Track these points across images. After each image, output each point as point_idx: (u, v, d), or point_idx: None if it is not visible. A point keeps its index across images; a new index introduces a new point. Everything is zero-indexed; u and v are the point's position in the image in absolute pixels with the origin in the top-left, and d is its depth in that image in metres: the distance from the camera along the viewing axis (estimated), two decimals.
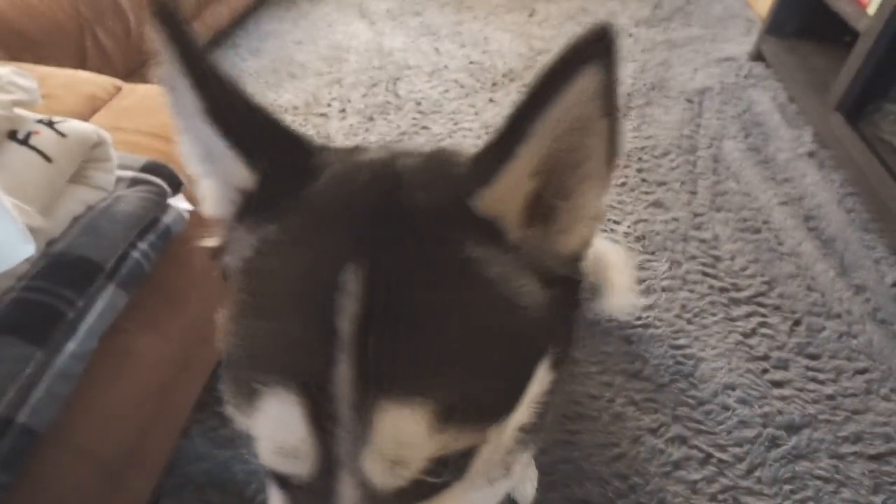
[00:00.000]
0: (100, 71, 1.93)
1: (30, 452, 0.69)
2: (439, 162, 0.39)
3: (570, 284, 0.42)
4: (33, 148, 0.73)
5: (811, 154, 2.00)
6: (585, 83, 0.32)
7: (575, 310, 0.47)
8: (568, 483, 1.15)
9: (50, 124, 0.77)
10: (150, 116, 1.17)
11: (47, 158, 0.73)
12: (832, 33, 2.24)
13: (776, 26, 2.46)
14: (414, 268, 0.32)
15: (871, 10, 1.87)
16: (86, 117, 1.15)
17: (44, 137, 0.75)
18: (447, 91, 2.42)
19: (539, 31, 2.87)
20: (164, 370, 1.01)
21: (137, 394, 0.94)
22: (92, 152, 0.81)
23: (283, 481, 0.36)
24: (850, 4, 1.98)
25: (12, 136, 0.73)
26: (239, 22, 2.93)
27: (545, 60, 1.45)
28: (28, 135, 0.74)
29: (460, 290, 0.33)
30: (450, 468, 0.33)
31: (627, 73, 2.51)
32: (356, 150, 0.39)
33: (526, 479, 1.13)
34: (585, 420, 1.27)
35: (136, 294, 0.89)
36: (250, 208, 0.38)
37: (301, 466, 0.32)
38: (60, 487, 0.78)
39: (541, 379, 0.42)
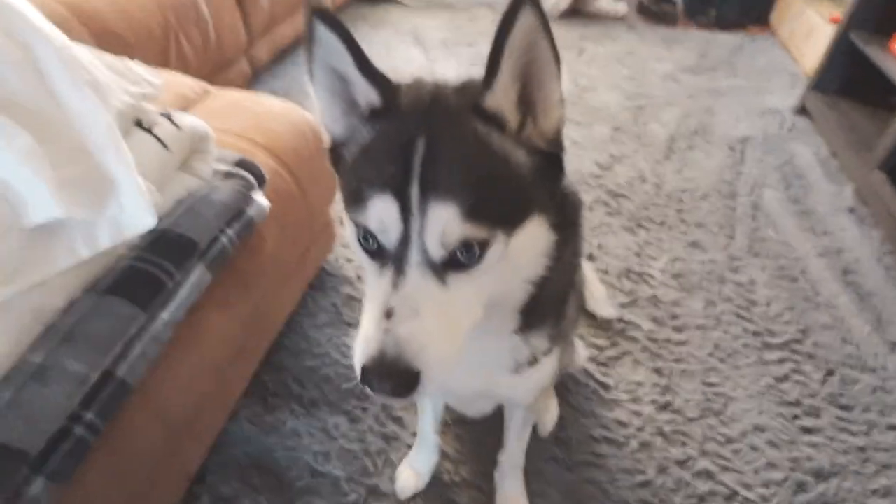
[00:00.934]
0: (173, 71, 2.10)
1: (121, 403, 0.77)
2: (465, 85, 0.62)
3: (552, 157, 0.62)
4: (155, 136, 0.82)
5: (851, 210, 2.02)
6: (526, 19, 0.53)
7: (559, 179, 0.65)
8: (591, 503, 1.18)
9: (168, 117, 0.87)
10: (235, 119, 1.28)
11: (165, 146, 0.83)
12: (877, 93, 2.29)
13: (822, 82, 2.52)
14: (450, 138, 0.56)
15: None
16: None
17: (164, 128, 0.84)
18: None
19: (586, 70, 2.98)
20: (226, 350, 1.09)
21: (203, 368, 1.01)
22: (199, 144, 0.91)
23: (377, 255, 0.57)
24: None
25: (139, 123, 0.83)
26: (301, 40, 3.11)
27: (591, 98, 1.57)
28: (151, 124, 0.84)
29: (475, 149, 0.57)
30: (472, 253, 0.55)
31: (671, 118, 2.58)
32: (420, 80, 0.63)
33: (546, 410, 1.29)
34: (613, 445, 1.29)
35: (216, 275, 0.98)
36: (374, 114, 0.60)
37: (391, 237, 0.54)
38: (134, 441, 0.85)
39: (540, 236, 0.61)
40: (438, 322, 0.54)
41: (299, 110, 1.40)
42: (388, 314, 0.52)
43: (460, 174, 0.54)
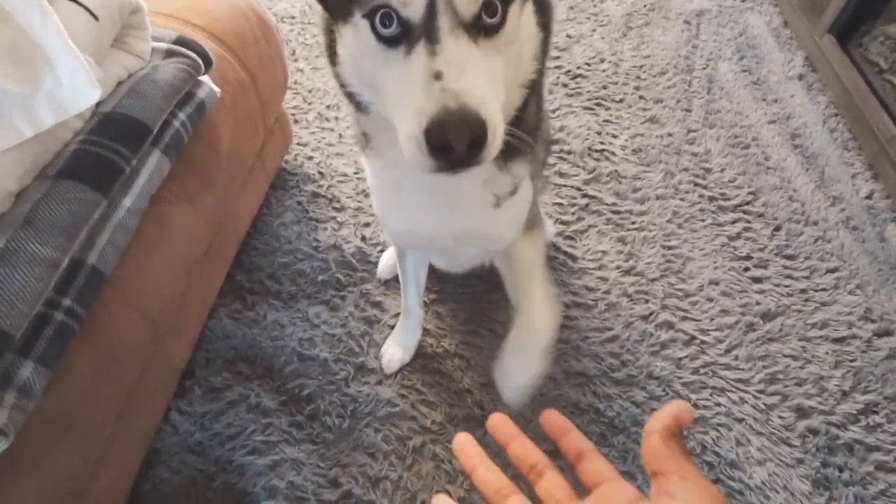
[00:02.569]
0: None
1: (97, 292, 0.76)
2: None
3: None
4: (81, 4, 0.74)
5: (801, 77, 2.06)
6: None
7: None
8: (567, 359, 1.28)
9: None
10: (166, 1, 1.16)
11: (94, 16, 0.75)
12: None
13: None
14: None
15: None
16: None
17: None
18: None
19: None
20: (195, 245, 1.07)
21: (174, 263, 1.00)
22: (130, 19, 0.83)
23: (398, 40, 0.54)
24: None
25: None
26: None
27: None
28: None
29: None
30: (494, 13, 0.54)
31: None
32: None
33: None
34: (583, 308, 1.38)
35: (173, 168, 0.94)
36: None
37: (416, 8, 0.52)
38: (116, 331, 0.85)
39: (534, 27, 0.63)
40: (484, 79, 0.53)
41: None
42: (437, 76, 0.51)
43: None
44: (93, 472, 0.87)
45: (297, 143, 1.74)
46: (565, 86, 2.00)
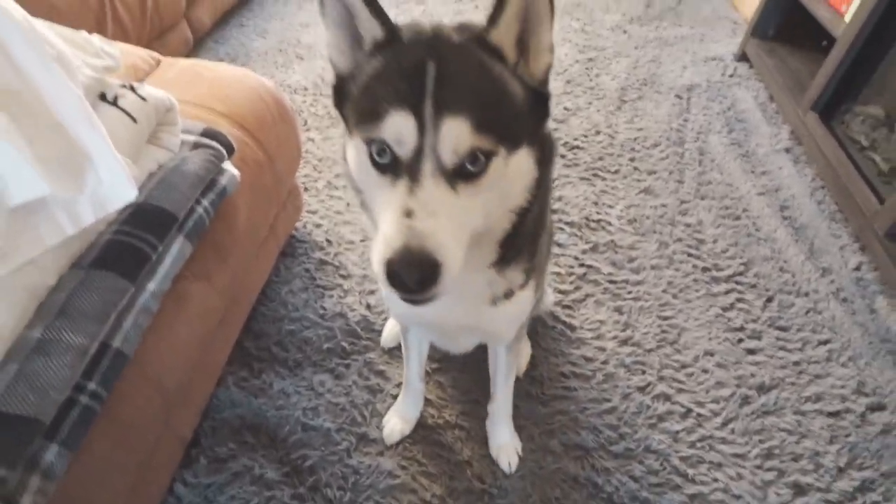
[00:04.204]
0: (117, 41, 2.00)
1: (119, 373, 0.80)
2: (461, 25, 0.69)
3: (540, 97, 0.70)
4: (122, 109, 0.82)
5: (787, 150, 2.17)
6: None
7: (545, 118, 0.72)
8: (565, 431, 1.30)
9: (132, 88, 0.86)
10: (192, 88, 1.26)
11: (133, 119, 0.83)
12: (811, 38, 2.42)
13: (759, 29, 2.63)
14: (458, 63, 0.62)
15: (848, 17, 2.03)
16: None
17: (129, 100, 0.84)
18: None
19: None
20: (210, 319, 1.12)
21: (190, 338, 1.04)
22: (164, 116, 0.91)
23: (389, 169, 0.62)
24: (828, 11, 2.15)
25: (102, 97, 0.82)
26: (244, 2, 2.98)
27: None
28: (115, 97, 0.83)
29: (481, 73, 0.63)
30: (479, 163, 0.61)
31: (622, 69, 2.65)
32: (416, 21, 0.69)
33: (520, 353, 1.37)
34: (581, 379, 1.41)
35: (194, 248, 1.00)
36: (378, 47, 0.66)
37: (406, 148, 0.59)
38: (131, 406, 0.88)
39: (528, 166, 0.68)
40: (451, 223, 0.59)
41: (255, 75, 1.39)
42: (408, 214, 0.57)
43: (469, 93, 0.60)
44: None
45: (307, 211, 1.81)
46: (563, 157, 2.10)
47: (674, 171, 2.07)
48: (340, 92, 0.71)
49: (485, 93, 0.62)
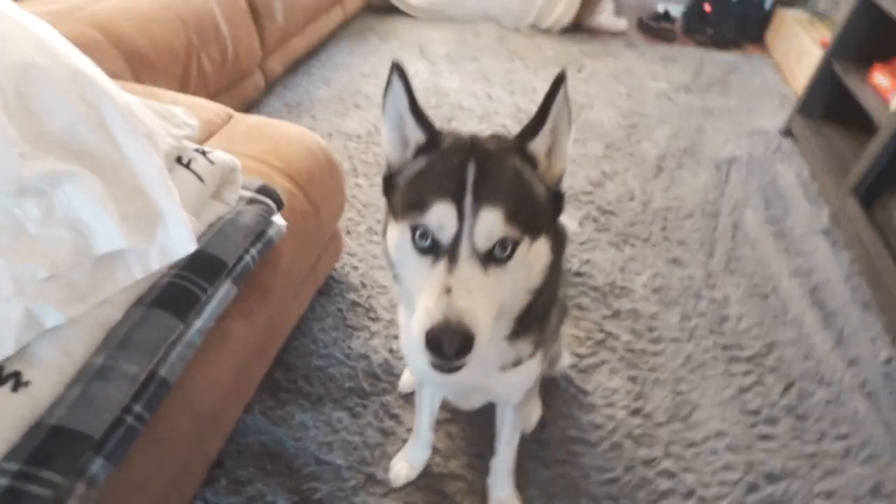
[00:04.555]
0: (198, 89, 2.25)
1: (163, 398, 0.92)
2: (494, 135, 0.82)
3: (557, 196, 0.82)
4: (193, 171, 0.97)
5: (826, 232, 2.15)
6: (564, 89, 0.73)
7: (560, 211, 0.83)
8: (565, 497, 1.33)
9: (203, 153, 1.02)
10: (255, 143, 1.43)
11: (201, 180, 0.98)
12: (860, 119, 2.41)
13: (807, 106, 2.65)
14: (495, 166, 0.73)
15: (893, 105, 2.04)
16: (204, 139, 1.41)
17: (200, 163, 0.99)
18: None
19: (584, 87, 3.11)
20: (247, 353, 1.23)
21: (227, 369, 1.16)
22: (228, 175, 1.06)
23: (429, 251, 0.71)
24: (873, 97, 2.16)
25: (178, 160, 0.98)
26: (314, 52, 3.26)
27: (587, 115, 1.77)
28: (189, 161, 0.98)
29: (513, 175, 0.74)
30: (505, 249, 0.71)
31: (663, 136, 2.71)
32: (455, 131, 0.82)
33: (531, 411, 1.45)
34: (587, 445, 1.44)
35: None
36: (420, 151, 0.79)
37: (447, 234, 0.69)
38: (168, 428, 1.00)
39: (545, 252, 0.78)
40: (483, 300, 0.68)
41: (311, 134, 1.55)
42: (447, 291, 0.66)
43: (503, 190, 0.71)
44: None
45: (347, 253, 1.95)
46: (595, 220, 2.17)
47: (705, 244, 2.10)
48: (389, 182, 0.84)
49: (516, 191, 0.73)
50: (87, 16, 1.87)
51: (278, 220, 1.21)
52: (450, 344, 0.65)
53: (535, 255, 0.76)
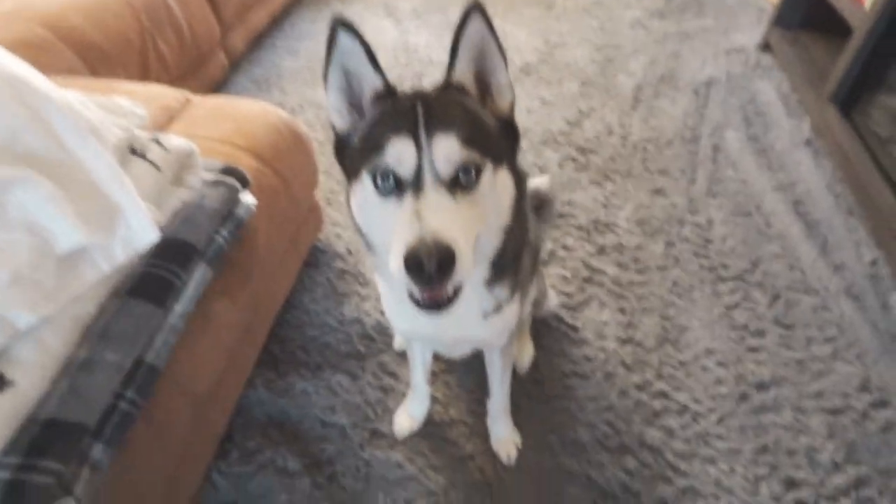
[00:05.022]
0: (159, 75, 2.21)
1: (154, 383, 0.96)
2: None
3: (511, 128, 0.83)
4: (148, 160, 0.97)
5: (807, 143, 2.13)
6: (476, 22, 0.74)
7: (516, 145, 0.85)
8: (563, 428, 1.38)
9: (157, 142, 1.02)
10: (217, 125, 1.42)
11: (157, 168, 0.98)
12: (837, 26, 2.34)
13: (784, 17, 2.57)
14: (440, 99, 0.77)
15: (868, 4, 1.98)
16: (165, 126, 1.41)
17: (154, 152, 0.99)
18: None
19: (556, 26, 3.03)
20: (234, 331, 1.27)
21: (216, 349, 1.20)
22: (186, 160, 1.06)
23: (393, 192, 0.72)
24: (847, 0, 2.09)
25: (132, 151, 0.98)
26: (276, 23, 3.17)
27: (560, 54, 1.74)
28: (143, 151, 0.99)
29: (458, 103, 0.77)
30: (470, 175, 0.72)
31: (638, 66, 2.66)
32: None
33: (523, 352, 1.50)
34: (581, 378, 1.48)
35: (216, 270, 1.15)
36: (377, 99, 0.80)
37: (407, 168, 0.71)
38: (165, 410, 1.04)
39: (510, 185, 0.80)
40: (456, 224, 0.69)
41: (275, 110, 1.53)
42: (418, 216, 0.67)
43: (452, 117, 0.73)
44: None
45: (330, 223, 1.96)
46: (574, 160, 2.16)
47: (686, 170, 2.09)
48: (341, 148, 0.85)
49: (464, 116, 0.74)
50: (35, 14, 1.83)
51: (246, 198, 1.21)
52: (429, 259, 0.64)
53: (501, 185, 0.78)
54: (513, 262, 0.94)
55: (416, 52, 2.87)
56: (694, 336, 1.56)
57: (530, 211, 1.06)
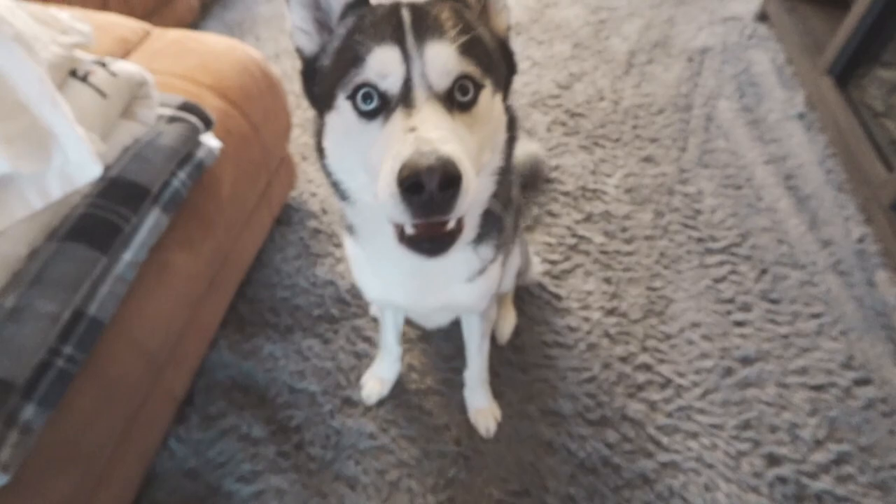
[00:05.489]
0: (121, 11, 2.02)
1: (96, 338, 0.85)
2: None
3: (507, 52, 0.74)
4: (91, 85, 0.85)
5: (801, 116, 2.08)
6: None
7: (512, 72, 0.75)
8: (543, 398, 1.33)
9: (103, 65, 0.89)
10: (179, 60, 1.28)
11: (103, 94, 0.86)
12: None
13: None
14: (432, 6, 0.65)
15: None
16: (120, 58, 1.26)
17: (99, 76, 0.87)
18: None
19: None
20: (196, 284, 1.17)
21: (176, 302, 1.10)
22: (138, 90, 0.93)
23: (378, 112, 0.62)
24: None
25: (73, 74, 0.85)
26: None
27: (552, 14, 1.62)
28: (86, 73, 0.86)
29: (453, 9, 0.65)
30: (467, 92, 0.62)
31: (633, 30, 2.55)
32: None
33: (505, 320, 1.43)
34: (563, 348, 1.43)
35: (175, 217, 1.04)
36: (349, 7, 0.69)
37: (394, 81, 0.60)
38: (115, 368, 0.94)
39: (504, 117, 0.72)
40: (457, 141, 0.57)
41: (243, 47, 1.40)
42: (412, 130, 0.55)
43: (448, 24, 0.62)
44: (93, 493, 0.96)
45: (305, 180, 1.84)
46: (563, 124, 2.07)
47: (677, 139, 2.02)
48: (309, 75, 0.73)
49: (460, 25, 0.63)
50: None
51: (210, 140, 1.09)
52: (429, 174, 0.51)
53: (498, 112, 0.69)
54: (498, 220, 0.86)
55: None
56: (680, 308, 1.51)
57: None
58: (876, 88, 1.85)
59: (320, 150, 0.73)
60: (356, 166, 0.67)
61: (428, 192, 0.52)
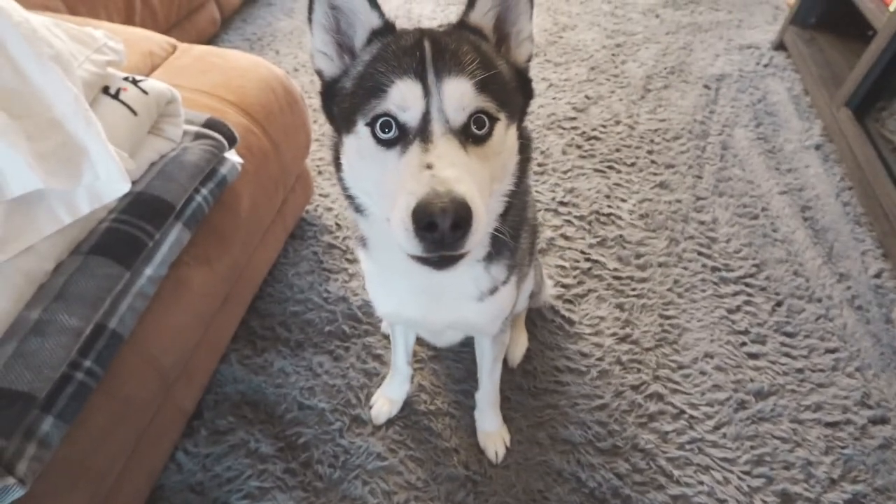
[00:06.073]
0: (145, 23, 2.06)
1: (115, 353, 0.86)
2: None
3: (525, 80, 0.75)
4: (123, 102, 0.86)
5: (817, 147, 2.08)
6: None
7: (529, 100, 0.76)
8: (554, 425, 1.31)
9: (134, 82, 0.90)
10: (204, 76, 1.30)
11: (133, 112, 0.87)
12: (855, 28, 2.28)
13: (801, 16, 2.50)
14: (450, 39, 0.67)
15: (893, 6, 1.91)
16: (146, 73, 1.28)
17: (130, 94, 0.88)
18: None
19: (566, 7, 2.92)
20: (210, 301, 1.17)
21: (191, 317, 1.10)
22: (166, 108, 0.95)
23: (396, 142, 0.63)
24: (873, 1, 2.02)
25: (105, 91, 0.87)
26: None
27: (570, 37, 1.63)
28: (118, 91, 0.87)
29: (472, 45, 0.67)
30: (483, 126, 0.64)
31: (649, 56, 2.57)
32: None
33: (517, 344, 1.42)
34: (575, 374, 1.42)
35: (194, 233, 1.05)
36: (374, 35, 0.71)
37: (413, 115, 0.62)
38: (130, 384, 0.95)
39: (517, 145, 0.73)
40: (470, 177, 0.59)
41: (267, 65, 1.42)
42: (428, 167, 0.58)
43: (466, 60, 0.64)
44: None
45: (320, 194, 1.85)
46: (579, 147, 2.08)
47: (693, 166, 2.02)
48: (329, 95, 0.74)
49: (479, 60, 0.65)
50: None
51: (232, 157, 1.11)
52: (443, 215, 0.54)
53: (511, 143, 0.70)
54: (512, 237, 0.86)
55: (419, 23, 2.74)
56: (693, 338, 1.50)
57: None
58: (895, 122, 1.85)
59: (337, 164, 0.75)
60: (371, 186, 0.69)
61: (440, 231, 0.56)
